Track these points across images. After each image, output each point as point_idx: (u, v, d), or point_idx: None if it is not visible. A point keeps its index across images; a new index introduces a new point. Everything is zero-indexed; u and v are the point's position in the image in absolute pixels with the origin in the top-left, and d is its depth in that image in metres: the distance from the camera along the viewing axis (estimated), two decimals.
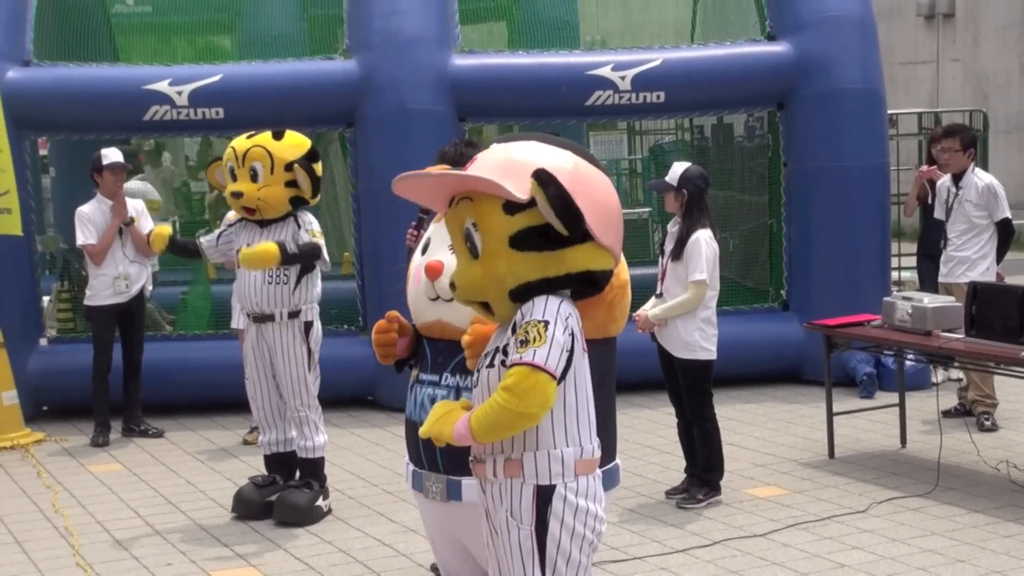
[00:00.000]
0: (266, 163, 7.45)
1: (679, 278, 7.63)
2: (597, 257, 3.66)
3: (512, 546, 3.66)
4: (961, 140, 9.47)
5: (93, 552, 7.21)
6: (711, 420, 7.76)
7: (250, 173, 7.45)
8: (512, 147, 3.73)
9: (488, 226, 3.63)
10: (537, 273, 3.61)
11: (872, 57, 10.96)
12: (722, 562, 6.72)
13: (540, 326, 3.53)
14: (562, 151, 3.72)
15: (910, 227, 15.93)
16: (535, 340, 3.51)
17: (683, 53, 11.00)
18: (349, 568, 6.83)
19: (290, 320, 7.58)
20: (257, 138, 7.53)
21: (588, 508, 3.66)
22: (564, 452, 3.63)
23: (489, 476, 3.69)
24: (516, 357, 3.52)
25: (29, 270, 10.55)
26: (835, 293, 10.54)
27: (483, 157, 3.72)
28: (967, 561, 6.62)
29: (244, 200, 7.49)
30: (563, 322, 3.56)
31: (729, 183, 12.12)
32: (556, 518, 3.63)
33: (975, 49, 21.54)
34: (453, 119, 10.46)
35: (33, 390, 10.40)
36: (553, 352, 3.51)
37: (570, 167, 3.64)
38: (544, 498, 3.63)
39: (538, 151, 3.69)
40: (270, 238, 7.52)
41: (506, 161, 3.65)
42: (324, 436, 7.78)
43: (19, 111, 10.27)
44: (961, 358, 8.39)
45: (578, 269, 3.64)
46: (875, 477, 8.21)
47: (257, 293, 7.56)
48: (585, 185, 3.62)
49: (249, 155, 7.45)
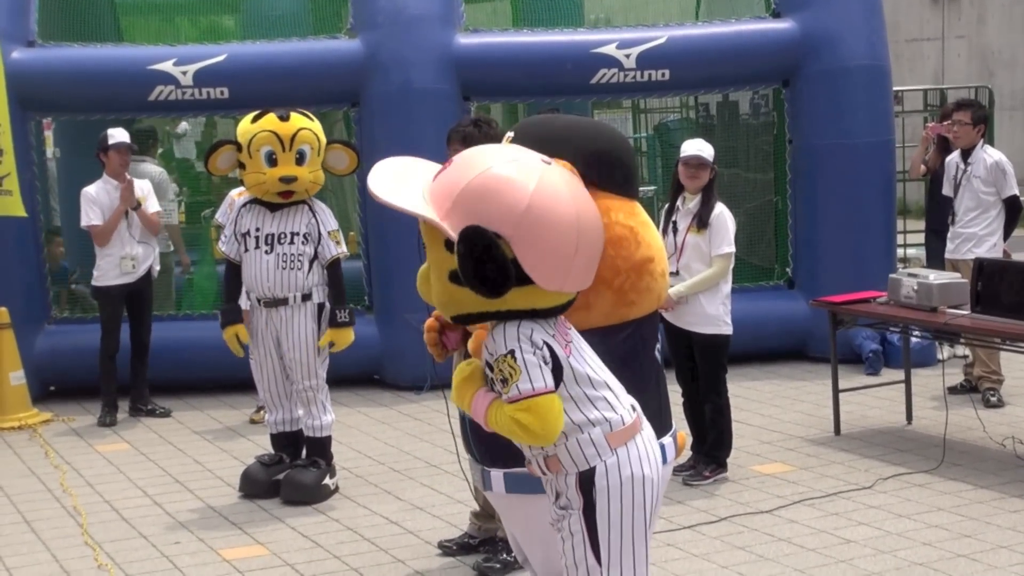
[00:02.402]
0: (315, 145, 7.48)
1: (701, 253, 7.63)
2: (543, 297, 3.57)
3: (565, 533, 3.70)
4: (972, 114, 9.47)
5: (101, 531, 7.24)
6: (724, 396, 7.77)
7: (297, 156, 7.43)
8: (480, 170, 3.54)
9: (432, 254, 3.62)
10: (476, 307, 3.58)
11: (878, 34, 10.93)
12: (729, 538, 6.74)
13: (509, 359, 3.52)
14: (529, 178, 3.52)
15: (916, 204, 15.93)
16: (511, 375, 3.52)
17: (688, 31, 10.98)
18: (357, 546, 6.85)
19: (303, 302, 7.58)
20: (299, 120, 7.51)
21: (632, 474, 3.66)
22: (592, 433, 3.63)
23: (538, 473, 3.73)
24: (506, 398, 3.54)
25: (35, 250, 10.56)
26: (841, 270, 10.54)
27: (451, 173, 3.59)
28: (973, 536, 6.63)
29: (297, 184, 7.46)
30: (527, 342, 3.54)
31: (734, 161, 12.09)
32: (602, 496, 3.65)
33: (981, 26, 21.47)
34: (458, 98, 10.44)
35: (40, 370, 10.42)
36: (534, 373, 3.51)
37: (520, 212, 3.47)
38: (587, 480, 3.65)
39: (498, 185, 3.50)
40: (287, 223, 7.52)
41: (461, 193, 3.51)
42: (331, 415, 7.79)
43: (24, 92, 10.27)
44: (967, 334, 8.39)
45: (520, 307, 3.57)
46: (881, 453, 8.22)
47: (271, 279, 7.55)
48: (534, 232, 3.48)
49: (299, 138, 7.43)
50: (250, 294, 7.71)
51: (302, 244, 7.55)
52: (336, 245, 7.60)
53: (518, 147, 3.75)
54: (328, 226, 7.62)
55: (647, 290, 4.10)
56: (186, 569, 6.58)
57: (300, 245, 7.54)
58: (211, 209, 15.02)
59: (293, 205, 7.59)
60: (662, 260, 4.19)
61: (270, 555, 6.75)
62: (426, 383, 10.05)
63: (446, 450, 8.33)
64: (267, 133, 7.46)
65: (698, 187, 7.68)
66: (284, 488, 7.63)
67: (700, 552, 6.56)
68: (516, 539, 4.29)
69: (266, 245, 7.55)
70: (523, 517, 4.12)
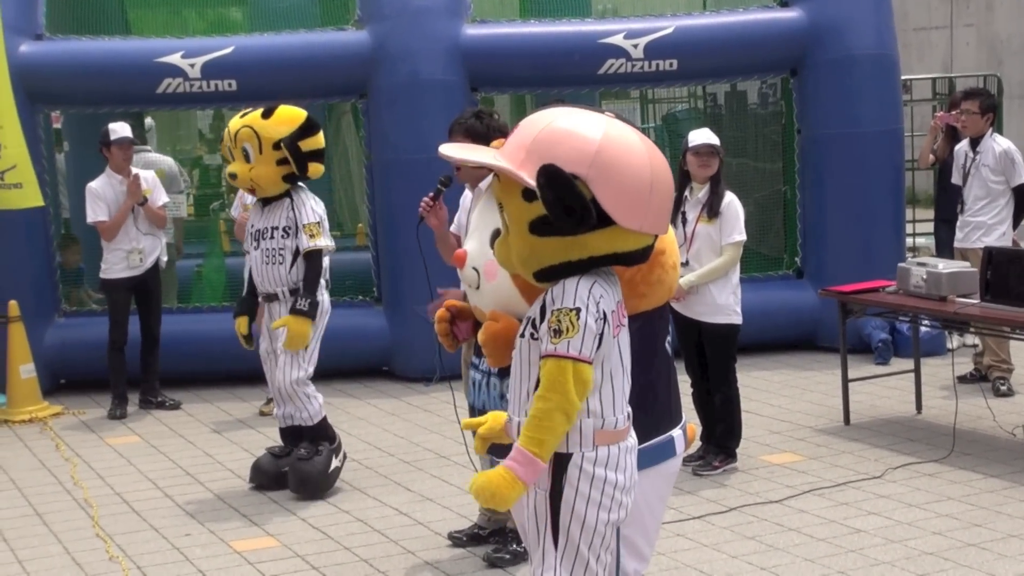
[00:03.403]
0: (254, 143, 7.48)
1: (712, 242, 7.62)
2: (624, 239, 3.62)
3: (528, 507, 3.72)
4: (980, 103, 9.46)
5: (112, 523, 7.26)
6: (734, 386, 7.77)
7: (243, 154, 7.49)
8: (545, 124, 3.64)
9: (509, 210, 3.65)
10: (559, 257, 3.61)
11: (886, 23, 10.90)
12: (738, 528, 6.74)
13: (572, 315, 3.54)
14: (596, 126, 3.62)
15: (924, 193, 15.90)
16: (568, 330, 3.53)
17: (696, 20, 10.96)
18: (367, 537, 6.86)
19: (291, 297, 7.59)
20: (247, 118, 7.56)
21: (606, 476, 3.68)
22: (583, 422, 3.65)
23: (513, 436, 3.72)
24: (551, 348, 3.54)
25: (45, 244, 10.57)
26: (850, 260, 10.52)
27: (519, 132, 3.68)
28: (983, 525, 6.63)
29: (239, 181, 7.61)
30: (594, 307, 3.57)
31: (743, 150, 12.07)
32: (571, 485, 3.66)
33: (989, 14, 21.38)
34: (465, 89, 10.44)
35: (50, 363, 10.43)
36: (586, 340, 3.54)
37: (592, 152, 3.55)
38: (560, 465, 3.67)
39: (568, 132, 3.60)
40: (270, 218, 7.58)
41: (532, 143, 3.60)
42: (318, 399, 7.67)
43: (32, 85, 10.28)
44: (976, 323, 8.38)
45: (602, 252, 3.61)
46: (891, 443, 8.22)
47: (259, 274, 7.66)
48: (609, 171, 3.55)
49: (239, 136, 7.51)
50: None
51: (282, 238, 7.56)
52: (309, 238, 7.52)
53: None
54: (305, 219, 7.58)
55: (658, 282, 4.13)
56: (197, 561, 6.59)
57: (280, 239, 7.56)
58: (220, 202, 15.04)
59: (278, 200, 7.63)
60: (673, 252, 4.21)
61: (280, 546, 6.76)
62: (435, 375, 10.04)
63: (455, 441, 8.34)
64: (225, 131, 7.66)
65: (708, 176, 7.67)
66: (291, 480, 7.63)
67: (710, 542, 6.56)
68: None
69: (254, 242, 7.66)
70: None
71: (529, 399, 3.65)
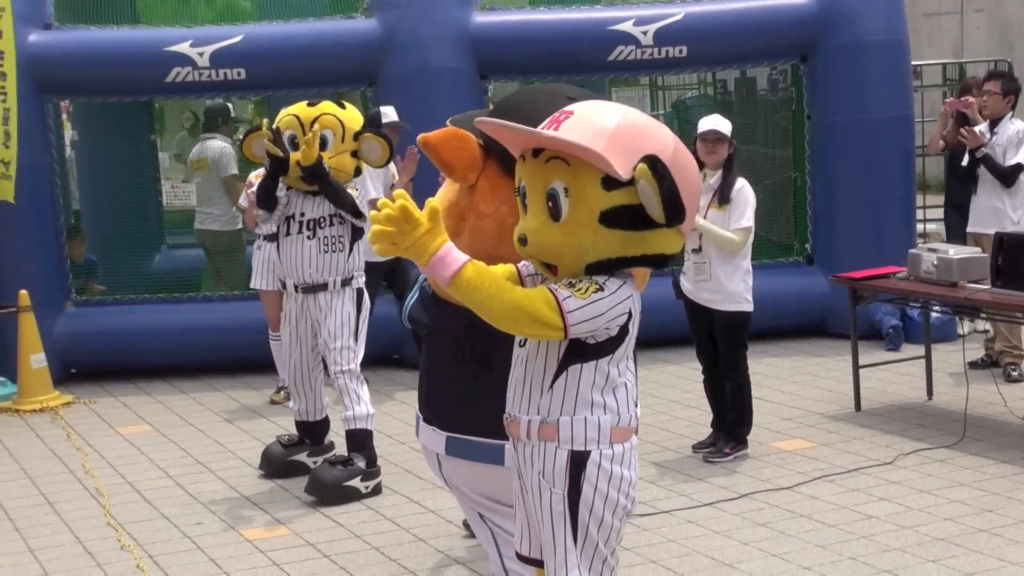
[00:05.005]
0: (337, 131, 7.39)
1: (723, 227, 7.61)
2: (675, 240, 3.57)
3: (544, 508, 3.65)
4: (1003, 84, 9.49)
5: (124, 512, 7.27)
6: (745, 373, 7.76)
7: (320, 140, 7.30)
8: (613, 112, 3.52)
9: (581, 196, 3.48)
10: (617, 251, 3.51)
11: (896, 8, 10.88)
12: (749, 515, 6.74)
13: (593, 287, 3.47)
14: (662, 126, 3.57)
15: (935, 179, 15.86)
16: (578, 292, 3.47)
17: (705, 7, 10.93)
18: (378, 525, 6.87)
19: (343, 287, 7.53)
20: (322, 106, 7.45)
21: (623, 474, 3.65)
22: (601, 419, 3.61)
23: (523, 437, 3.67)
24: (553, 287, 3.47)
25: (54, 233, 10.59)
26: (860, 246, 10.51)
27: (582, 117, 3.50)
28: (994, 511, 6.62)
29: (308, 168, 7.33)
30: (618, 302, 3.50)
31: (753, 137, 12.07)
32: (590, 484, 3.62)
33: None
34: (475, 77, 10.43)
35: (61, 353, 10.45)
36: (584, 311, 3.45)
37: (671, 149, 3.48)
38: (578, 463, 3.61)
39: (645, 125, 3.52)
40: (322, 206, 7.40)
41: (616, 130, 3.45)
42: (368, 408, 7.51)
43: (41, 74, 10.30)
44: (987, 309, 8.36)
45: (654, 251, 3.54)
46: (902, 429, 8.21)
47: (312, 263, 7.43)
48: (683, 171, 3.49)
49: (319, 123, 7.36)
50: (287, 281, 7.61)
51: (340, 225, 7.49)
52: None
53: None
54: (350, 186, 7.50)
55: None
56: (208, 550, 6.60)
57: (339, 226, 7.47)
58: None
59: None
60: None
61: (292, 535, 6.77)
62: None
63: None
64: (290, 117, 7.44)
65: (717, 162, 7.66)
66: (308, 483, 7.45)
67: (721, 529, 6.56)
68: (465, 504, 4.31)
69: (308, 231, 7.46)
70: (464, 479, 4.14)
71: (543, 395, 3.60)
